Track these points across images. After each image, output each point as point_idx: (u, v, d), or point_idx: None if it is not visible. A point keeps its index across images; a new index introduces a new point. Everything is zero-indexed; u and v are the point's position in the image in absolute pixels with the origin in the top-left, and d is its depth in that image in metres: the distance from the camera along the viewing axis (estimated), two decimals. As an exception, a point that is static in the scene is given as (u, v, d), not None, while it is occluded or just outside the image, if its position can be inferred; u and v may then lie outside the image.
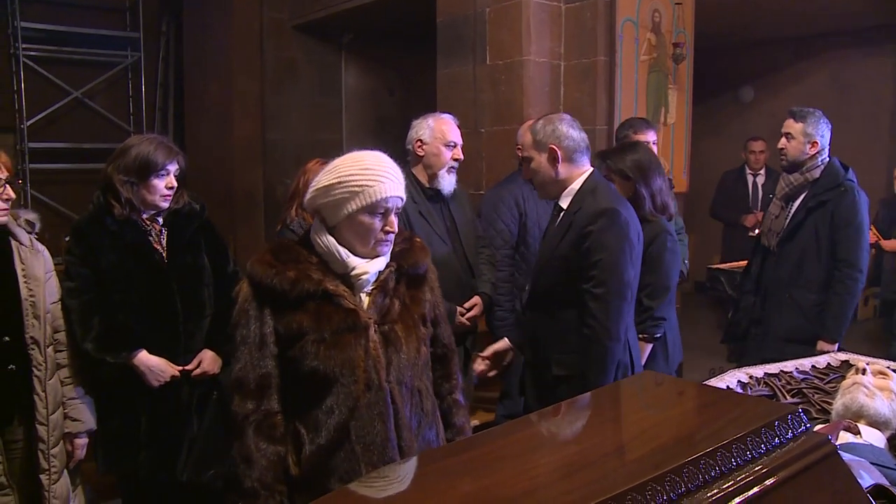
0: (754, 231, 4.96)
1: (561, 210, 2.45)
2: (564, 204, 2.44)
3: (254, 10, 6.23)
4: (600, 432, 1.36)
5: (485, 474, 1.16)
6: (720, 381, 2.22)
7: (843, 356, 2.46)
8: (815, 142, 3.22)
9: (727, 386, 2.19)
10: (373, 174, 1.71)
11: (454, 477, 1.17)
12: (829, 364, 2.41)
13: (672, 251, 2.80)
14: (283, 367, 1.72)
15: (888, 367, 2.14)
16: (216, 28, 6.41)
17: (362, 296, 1.77)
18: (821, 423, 1.96)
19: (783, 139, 3.30)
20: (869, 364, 2.11)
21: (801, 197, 3.28)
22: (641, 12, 4.43)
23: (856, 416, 1.87)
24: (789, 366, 2.38)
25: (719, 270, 5.05)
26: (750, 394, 2.17)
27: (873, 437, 1.80)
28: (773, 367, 2.36)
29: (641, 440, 1.26)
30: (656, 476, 1.06)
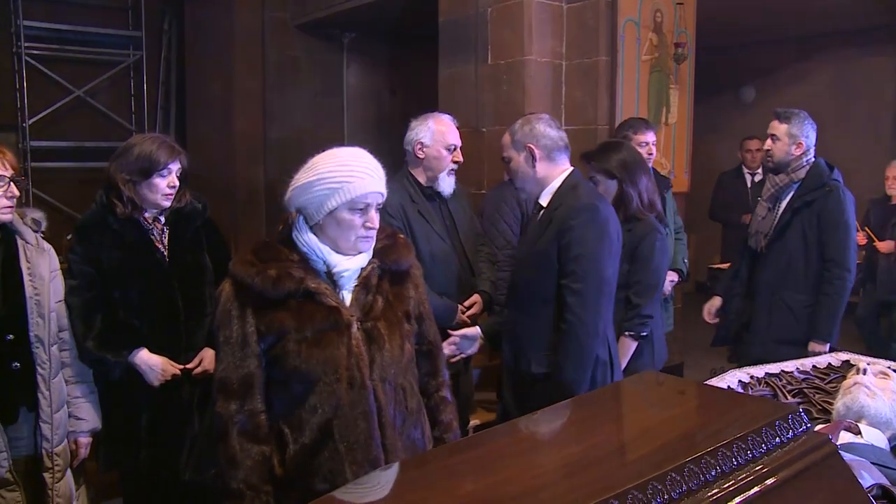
0: None
1: (541, 208, 2.46)
2: (544, 202, 2.45)
3: (256, 9, 6.23)
4: (602, 431, 1.36)
5: (487, 473, 1.17)
6: (721, 381, 2.23)
7: (843, 356, 2.46)
8: (800, 142, 3.22)
9: (728, 386, 2.19)
10: (352, 170, 1.71)
11: (457, 476, 1.18)
12: (830, 364, 2.41)
13: (661, 250, 2.79)
14: (267, 366, 1.71)
15: (889, 368, 2.15)
16: (218, 27, 6.41)
17: (345, 293, 1.75)
18: (822, 423, 1.96)
19: (768, 140, 3.31)
20: (870, 364, 2.11)
21: (788, 198, 3.28)
22: (643, 12, 4.43)
23: (857, 417, 1.88)
24: (790, 366, 2.38)
25: (720, 270, 5.06)
26: (751, 394, 2.17)
27: (874, 437, 1.80)
28: (774, 367, 2.36)
29: (643, 439, 1.26)
30: (658, 475, 1.06)
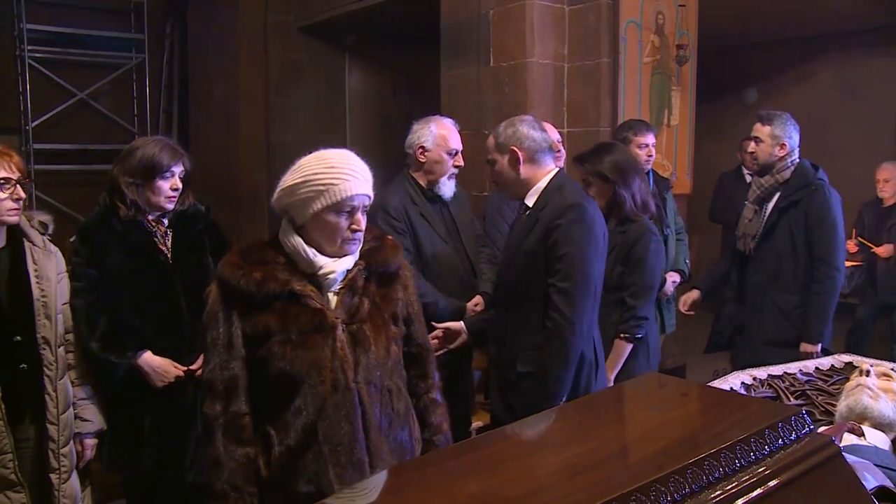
0: None
1: (527, 209, 2.47)
2: (530, 202, 2.46)
3: (258, 11, 6.24)
4: (604, 433, 1.36)
5: (490, 475, 1.17)
6: (724, 383, 2.23)
7: (846, 358, 2.46)
8: (783, 143, 3.24)
9: (731, 387, 2.19)
10: (338, 172, 1.71)
11: (459, 477, 1.18)
12: (833, 366, 2.41)
13: (655, 251, 2.79)
14: (253, 368, 1.71)
15: (892, 370, 2.14)
16: (221, 29, 6.43)
17: (330, 295, 1.75)
18: (824, 425, 1.96)
19: (752, 143, 3.33)
20: (873, 366, 2.10)
21: (774, 199, 3.29)
22: (645, 14, 4.44)
23: (860, 418, 1.87)
24: (793, 367, 2.38)
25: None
26: (753, 395, 2.17)
27: (877, 438, 1.80)
28: (777, 369, 2.36)
29: (645, 441, 1.26)
30: (660, 477, 1.06)
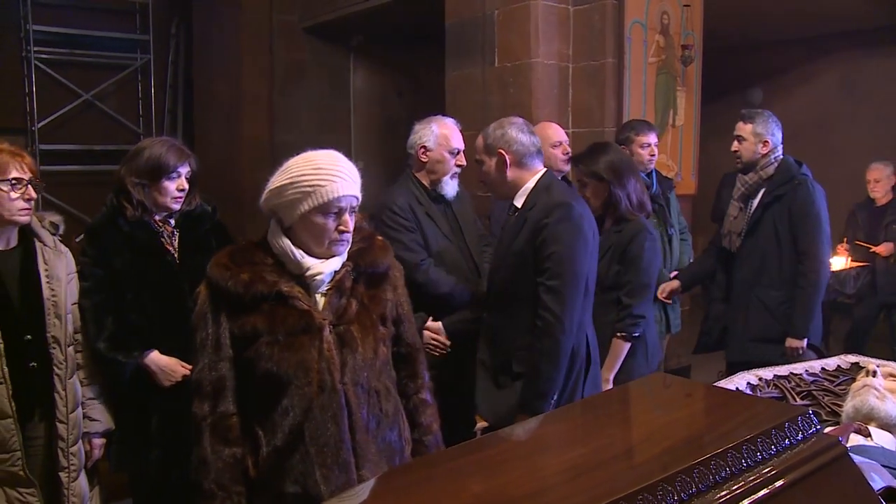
0: None
1: (516, 210, 2.48)
2: (519, 203, 2.47)
3: (263, 12, 6.25)
4: (609, 434, 1.36)
5: (494, 475, 1.16)
6: (729, 383, 2.22)
7: (852, 358, 2.45)
8: (766, 141, 3.26)
9: (736, 388, 2.18)
10: (325, 174, 1.72)
11: (464, 477, 1.18)
12: (839, 366, 2.41)
13: (651, 250, 2.79)
14: (241, 369, 1.72)
15: (899, 370, 2.14)
16: (225, 30, 6.44)
17: (318, 297, 1.76)
18: (831, 426, 1.95)
19: (735, 142, 3.35)
20: (879, 366, 2.10)
21: (759, 195, 3.30)
22: (650, 14, 4.43)
23: (866, 419, 1.87)
24: (799, 368, 2.38)
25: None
26: (759, 396, 2.17)
27: (884, 439, 1.79)
28: (783, 370, 2.36)
29: (651, 441, 1.26)
30: (666, 476, 1.06)
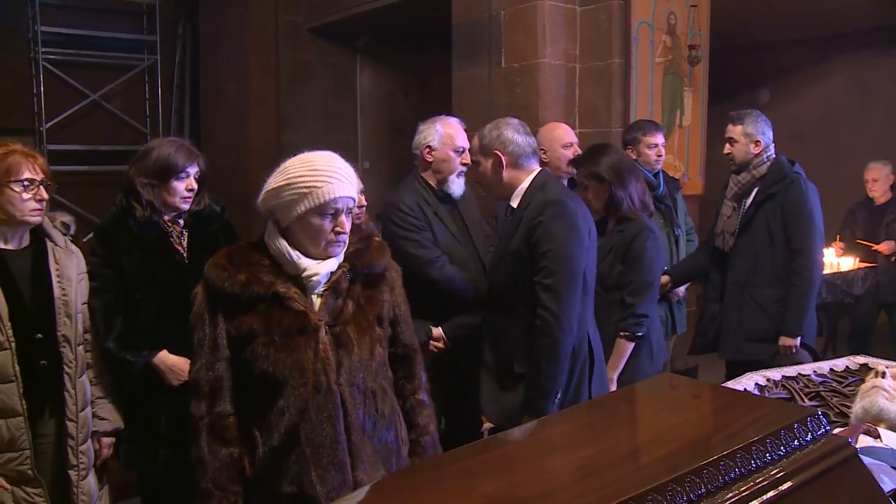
0: None
1: (512, 210, 2.48)
2: (515, 203, 2.47)
3: (269, 12, 6.27)
4: (618, 434, 1.36)
5: (504, 475, 1.17)
6: (737, 384, 2.22)
7: (861, 359, 2.45)
8: (757, 140, 3.27)
9: (744, 388, 2.18)
10: (322, 175, 1.72)
11: (473, 478, 1.18)
12: (848, 367, 2.40)
13: (653, 248, 2.79)
14: (238, 369, 1.73)
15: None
16: (232, 31, 6.46)
17: (314, 297, 1.76)
18: (839, 427, 1.95)
19: (727, 145, 3.36)
20: (888, 367, 2.09)
21: (752, 195, 3.30)
22: (657, 14, 4.43)
23: (875, 420, 1.86)
24: (807, 369, 2.37)
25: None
26: (767, 397, 2.16)
27: (894, 440, 1.79)
28: (791, 370, 2.35)
29: (660, 442, 1.26)
30: (675, 477, 1.06)
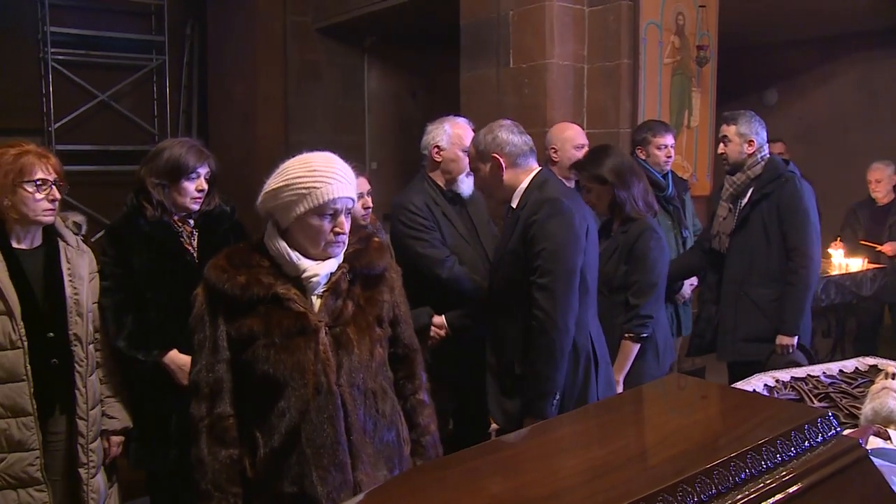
0: None
1: (511, 210, 2.48)
2: (514, 203, 2.47)
3: (277, 13, 6.28)
4: (627, 435, 1.37)
5: (513, 476, 1.17)
6: (746, 385, 2.22)
7: (871, 361, 2.44)
8: (751, 140, 3.27)
9: (753, 389, 2.18)
10: (321, 176, 1.72)
11: (482, 478, 1.18)
12: (857, 368, 2.40)
13: (657, 248, 2.78)
14: (238, 371, 1.73)
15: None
16: (239, 31, 6.47)
17: (314, 298, 1.76)
18: (849, 429, 1.94)
19: (721, 145, 3.37)
20: (898, 369, 2.09)
21: (747, 195, 3.30)
22: (665, 15, 4.42)
23: (885, 421, 1.86)
24: (816, 370, 2.37)
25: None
26: (776, 398, 2.16)
27: (903, 442, 1.79)
28: (800, 371, 2.35)
29: (669, 442, 1.26)
30: (686, 478, 1.06)
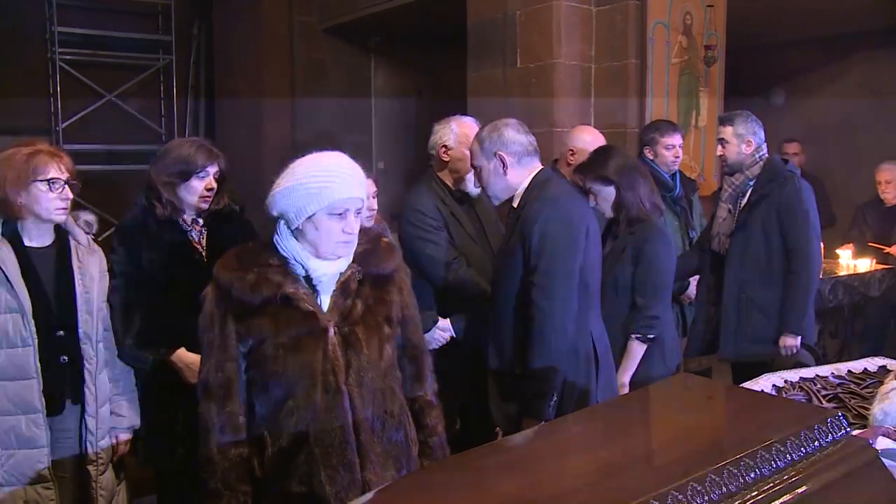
0: None
1: (512, 209, 2.47)
2: (516, 203, 2.46)
3: (283, 12, 6.29)
4: (637, 434, 1.37)
5: (524, 475, 1.18)
6: (754, 385, 2.22)
7: (880, 361, 2.44)
8: (749, 140, 3.26)
9: (761, 390, 2.18)
10: (330, 175, 1.73)
11: (493, 478, 1.19)
12: (866, 369, 2.39)
13: (665, 249, 2.77)
14: (248, 370, 1.74)
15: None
16: (246, 31, 6.49)
17: (323, 298, 1.76)
18: (858, 429, 1.94)
19: (719, 146, 3.35)
20: (907, 369, 2.09)
21: (747, 195, 3.29)
22: (673, 15, 4.41)
23: (895, 422, 1.86)
24: (825, 370, 2.37)
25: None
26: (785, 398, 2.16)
27: (913, 443, 1.78)
28: (809, 372, 2.35)
29: (679, 442, 1.26)
30: (697, 476, 1.07)
